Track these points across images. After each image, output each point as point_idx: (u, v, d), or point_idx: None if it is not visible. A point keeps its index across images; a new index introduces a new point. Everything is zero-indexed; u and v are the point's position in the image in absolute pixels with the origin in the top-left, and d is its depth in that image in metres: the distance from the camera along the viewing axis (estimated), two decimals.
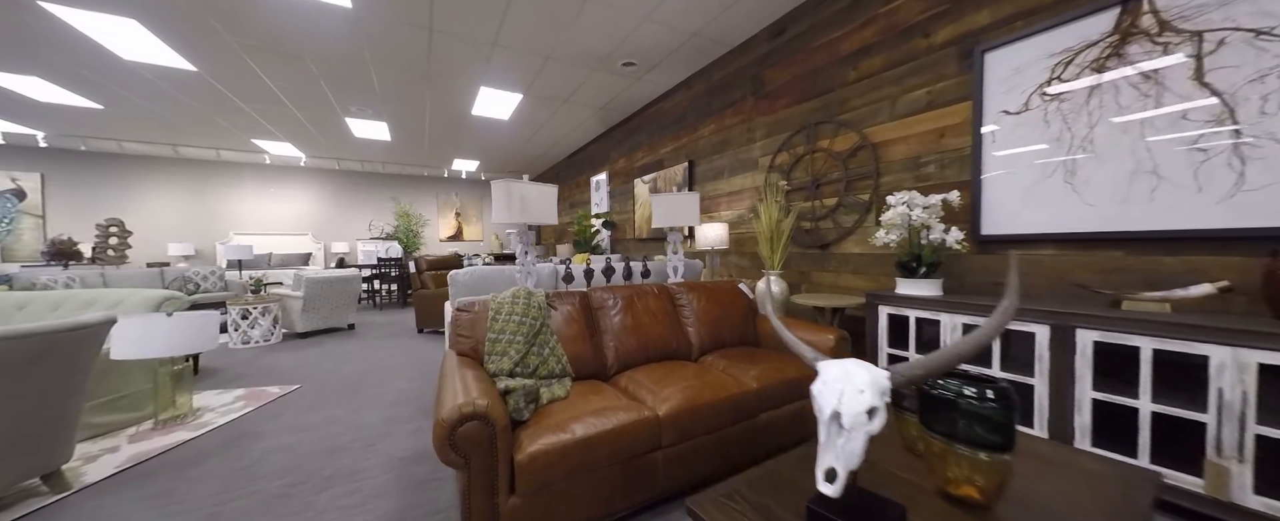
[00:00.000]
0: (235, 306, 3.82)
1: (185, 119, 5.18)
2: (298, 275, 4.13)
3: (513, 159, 7.65)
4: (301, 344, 3.99)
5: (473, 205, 9.98)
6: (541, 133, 5.90)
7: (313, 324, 4.27)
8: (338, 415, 2.25)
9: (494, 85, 4.25)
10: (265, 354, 3.63)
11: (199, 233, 7.47)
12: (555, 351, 1.60)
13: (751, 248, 3.39)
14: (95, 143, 6.17)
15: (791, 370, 1.73)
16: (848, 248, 2.60)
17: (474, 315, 1.61)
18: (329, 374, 2.99)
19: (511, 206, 1.90)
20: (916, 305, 1.90)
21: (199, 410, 2.31)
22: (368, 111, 4.98)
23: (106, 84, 4.13)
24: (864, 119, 2.48)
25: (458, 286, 2.16)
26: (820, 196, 2.77)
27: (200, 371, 3.07)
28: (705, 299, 2.14)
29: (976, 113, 1.95)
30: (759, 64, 3.24)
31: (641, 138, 5.01)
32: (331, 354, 3.59)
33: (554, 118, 5.27)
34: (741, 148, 3.45)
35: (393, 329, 4.70)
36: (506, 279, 2.26)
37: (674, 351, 1.93)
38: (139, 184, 7.04)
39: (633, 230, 5.28)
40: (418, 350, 3.69)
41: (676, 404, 1.41)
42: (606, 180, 5.96)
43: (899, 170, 2.32)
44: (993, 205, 1.92)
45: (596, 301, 1.91)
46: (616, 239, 5.83)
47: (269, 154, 6.97)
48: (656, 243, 4.80)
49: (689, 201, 2.43)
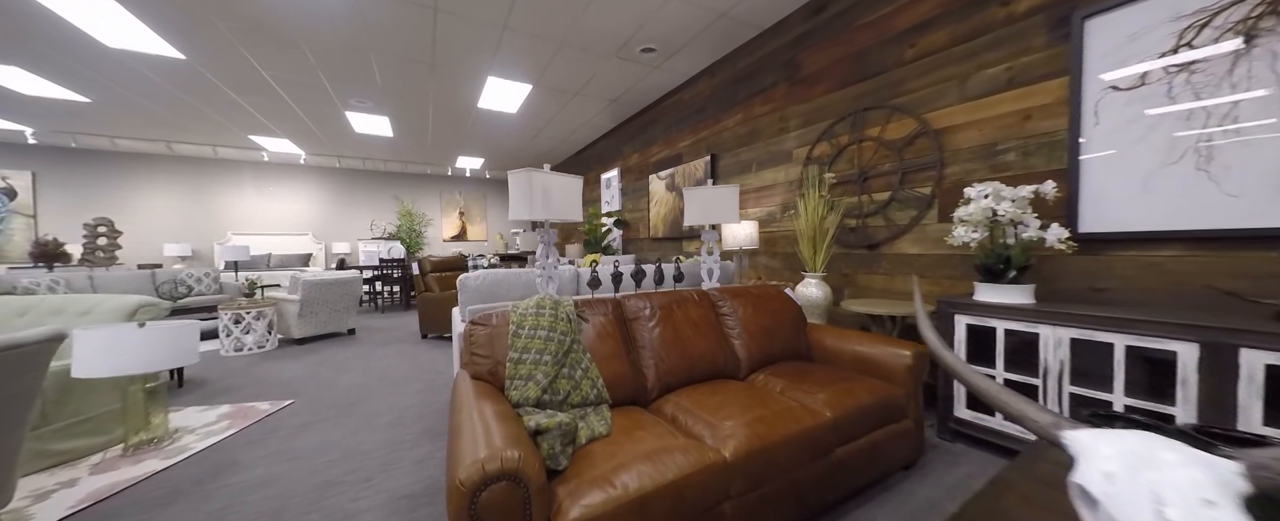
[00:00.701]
0: (227, 311, 3.57)
1: (177, 113, 4.93)
2: (294, 277, 3.88)
3: (518, 156, 7.39)
4: (298, 351, 3.74)
5: (477, 204, 9.73)
6: (550, 127, 5.63)
7: (310, 329, 4.02)
8: (333, 438, 1.98)
9: (502, 75, 3.98)
10: (258, 362, 3.37)
11: (196, 233, 7.24)
12: (589, 373, 1.33)
13: (784, 248, 3.11)
14: (86, 139, 5.94)
15: (863, 392, 1.46)
16: (902, 247, 2.32)
17: (491, 329, 1.34)
18: (325, 386, 2.73)
19: (532, 200, 1.63)
20: (1004, 315, 1.62)
21: (176, 432, 2.05)
22: (369, 105, 4.72)
23: (92, 75, 3.89)
24: (924, 102, 2.20)
25: (468, 292, 1.89)
26: (868, 190, 2.49)
27: (185, 383, 2.82)
28: (751, 306, 1.87)
29: (1075, 90, 1.67)
30: (794, 46, 2.96)
31: (657, 131, 4.74)
32: (329, 362, 3.34)
33: (564, 111, 5.00)
34: (772, 139, 3.17)
35: (395, 334, 4.45)
36: (523, 284, 1.99)
37: (721, 369, 1.66)
38: (133, 182, 6.82)
39: (646, 229, 5.01)
40: (422, 358, 3.43)
41: (743, 441, 1.14)
42: (618, 177, 5.69)
43: (969, 159, 2.04)
44: (1096, 197, 1.64)
45: (631, 311, 1.63)
46: (628, 238, 5.56)
47: (267, 151, 6.73)
48: (672, 243, 4.53)
49: (726, 196, 2.16)
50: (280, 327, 4.02)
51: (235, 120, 5.19)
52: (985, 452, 1.71)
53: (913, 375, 1.58)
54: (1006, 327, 1.62)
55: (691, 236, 4.17)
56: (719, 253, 2.28)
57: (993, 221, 1.69)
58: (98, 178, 6.61)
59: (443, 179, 9.29)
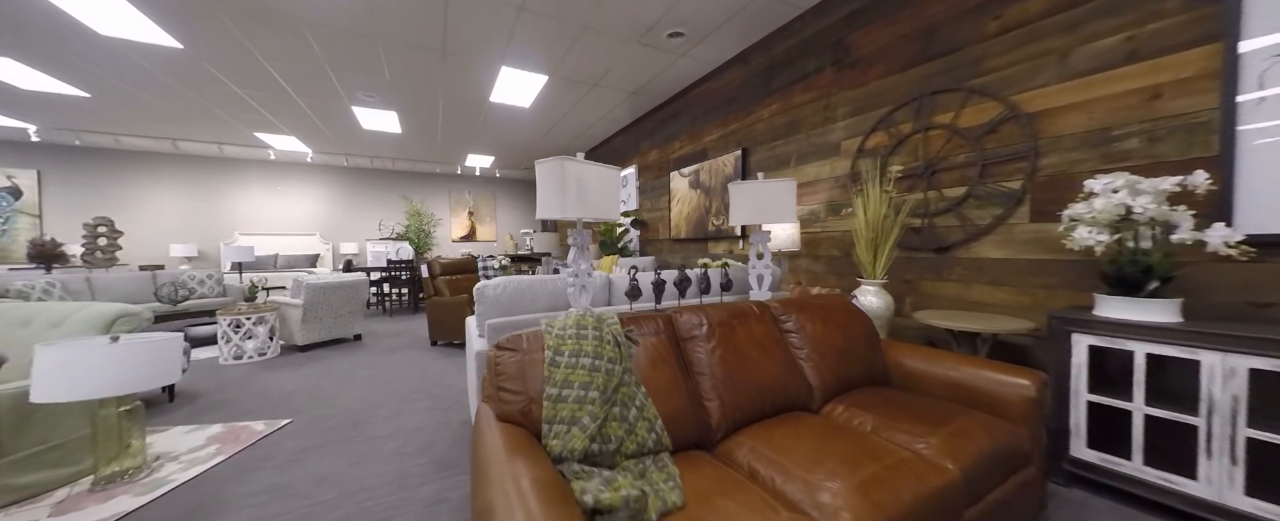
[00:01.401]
0: (226, 317, 3.35)
1: (180, 108, 4.75)
2: (297, 281, 3.66)
3: (530, 153, 7.14)
4: (301, 359, 3.51)
5: (486, 204, 9.51)
6: (565, 122, 5.37)
7: (314, 335, 3.79)
8: (332, 470, 1.73)
9: (516, 65, 3.73)
10: (258, 372, 3.15)
11: (202, 233, 7.10)
12: (645, 412, 1.05)
13: (829, 250, 2.81)
14: (90, 137, 5.79)
15: (981, 433, 1.16)
16: (982, 250, 2.02)
17: (523, 356, 1.06)
18: (327, 403, 2.49)
19: (565, 194, 1.36)
20: (1145, 335, 1.31)
21: (157, 460, 1.81)
22: (376, 99, 4.50)
23: (87, 66, 3.69)
24: (1012, 83, 1.90)
25: (487, 303, 1.63)
26: (938, 185, 2.19)
27: (175, 397, 2.59)
28: (819, 321, 1.58)
29: (1230, 59, 1.36)
30: (843, 26, 2.66)
31: (680, 125, 4.46)
32: (333, 373, 3.10)
33: (581, 104, 4.73)
34: (816, 130, 2.88)
35: (403, 340, 4.21)
36: (550, 294, 1.72)
37: (793, 399, 1.37)
38: (138, 181, 6.68)
39: (666, 229, 4.73)
40: (431, 369, 3.18)
41: (859, 512, 0.85)
42: (635, 174, 5.41)
43: (1073, 148, 1.73)
44: (1258, 190, 1.33)
45: (685, 328, 1.35)
46: (646, 239, 5.29)
47: (273, 149, 6.56)
48: (697, 244, 4.24)
49: (781, 192, 1.87)
50: (283, 334, 3.80)
51: (240, 116, 4.99)
52: (1115, 502, 1.41)
53: (1035, 410, 1.28)
54: (1149, 352, 1.31)
55: (719, 237, 3.87)
56: (770, 256, 1.99)
57: (1125, 220, 1.38)
58: (103, 176, 6.48)
59: (452, 178, 9.09)
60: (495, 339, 1.58)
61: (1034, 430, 1.27)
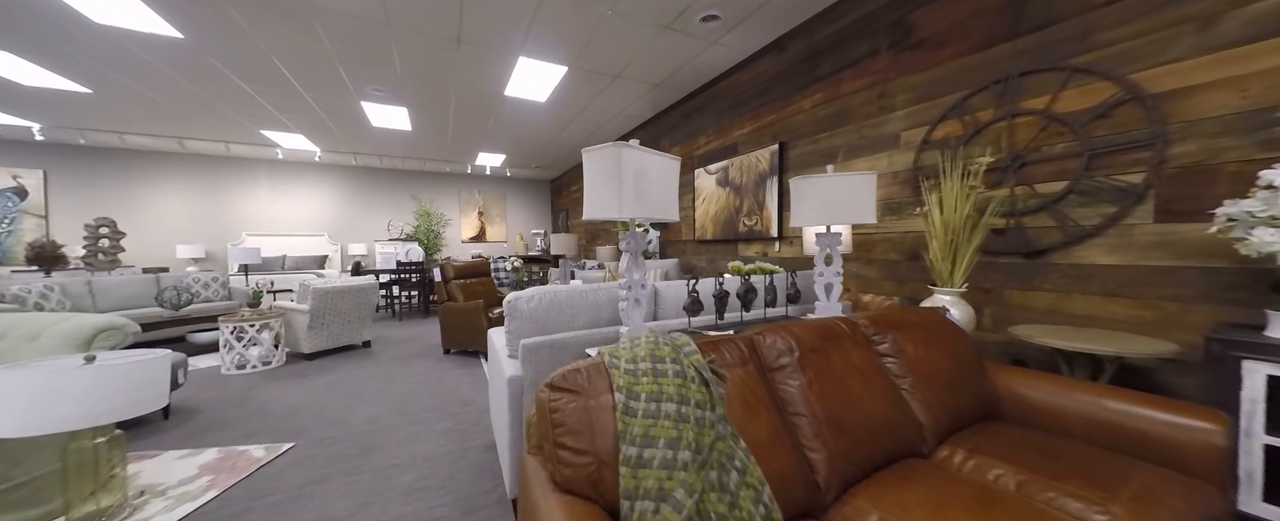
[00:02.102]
0: (228, 324, 3.15)
1: (183, 105, 4.57)
2: (303, 285, 3.44)
3: (543, 152, 6.92)
4: (307, 369, 3.30)
5: (496, 203, 9.32)
6: (582, 117, 5.13)
7: (321, 343, 3.58)
8: (339, 512, 1.49)
9: (535, 55, 3.49)
10: (261, 383, 2.93)
11: (209, 234, 6.96)
12: (748, 477, 0.79)
13: (883, 253, 2.54)
14: (95, 136, 5.65)
15: (1169, 496, 0.89)
16: (1088, 256, 1.73)
17: (585, 401, 0.81)
18: (333, 423, 2.26)
19: (621, 190, 1.11)
20: None
21: (141, 496, 1.59)
22: (386, 93, 4.28)
23: (87, 60, 3.51)
24: (1131, 58, 1.61)
25: (520, 320, 1.38)
26: (1028, 180, 1.90)
27: (171, 414, 2.37)
28: (918, 342, 1.31)
29: None
30: (901, 5, 2.39)
31: (705, 120, 4.19)
32: (340, 385, 2.88)
33: (600, 98, 4.48)
34: (869, 120, 2.60)
35: (414, 347, 3.99)
36: (592, 307, 1.47)
37: (905, 443, 1.11)
38: (145, 181, 6.55)
39: (691, 230, 4.46)
40: (447, 382, 2.94)
41: None
42: None
43: (1216, 133, 1.44)
44: None
45: (769, 354, 1.09)
46: (667, 240, 5.03)
47: (282, 148, 6.39)
48: (725, 246, 3.97)
49: (857, 187, 1.60)
50: (289, 341, 3.59)
51: (245, 112, 4.81)
52: None
53: (1223, 464, 1.01)
54: None
55: (751, 238, 3.61)
56: (840, 262, 1.72)
57: None
58: (109, 176, 6.35)
59: (462, 177, 8.90)
60: (532, 362, 1.33)
61: (1225, 488, 1.00)
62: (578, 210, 8.02)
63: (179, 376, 2.33)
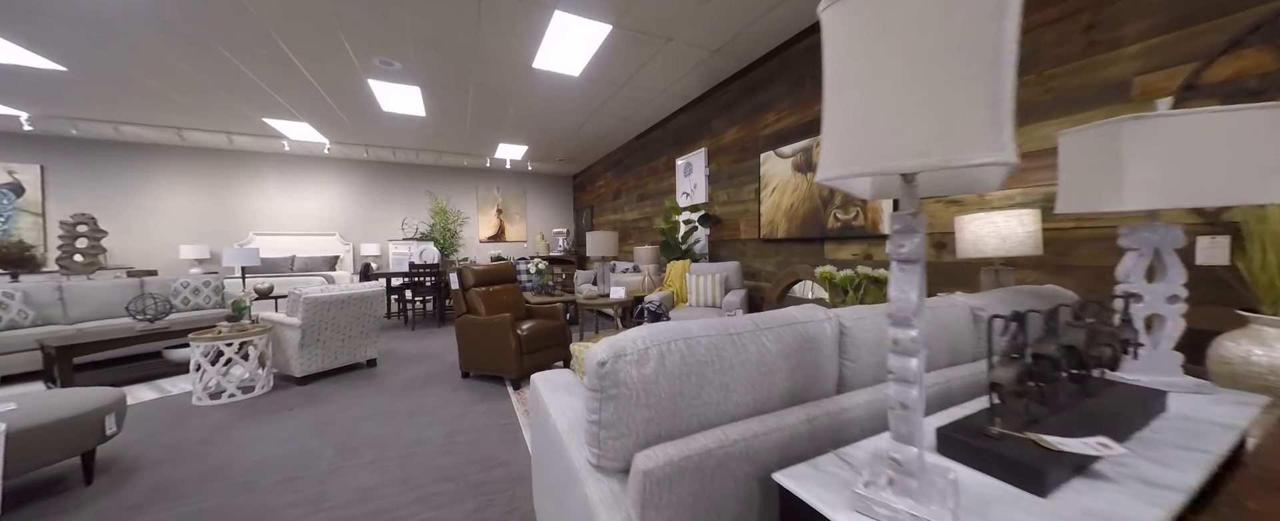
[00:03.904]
0: (200, 343, 2.54)
1: (173, 87, 4.03)
2: (293, 294, 2.83)
3: (567, 142, 6.26)
4: (296, 396, 2.68)
5: (516, 201, 8.71)
6: (619, 97, 4.43)
7: (315, 363, 2.96)
8: None
9: (574, 9, 2.80)
10: (235, 420, 2.31)
11: (214, 233, 6.50)
12: None
13: (1093, 257, 1.76)
14: (88, 127, 5.20)
15: None
16: None
17: None
18: (312, 498, 1.60)
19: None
20: None
21: None
22: (396, 68, 3.66)
23: (56, 30, 2.97)
24: None
25: (627, 406, 0.66)
26: None
27: (94, 477, 1.74)
28: None
29: None
30: None
31: (775, 92, 3.45)
32: (333, 425, 2.24)
33: (643, 70, 3.78)
34: (1068, 65, 1.83)
35: (428, 366, 3.35)
36: (755, 368, 0.75)
37: None
38: (146, 177, 6.11)
39: (752, 227, 3.73)
40: (467, 425, 2.28)
41: None
42: (704, 160, 4.42)
43: None
44: None
45: None
46: (717, 239, 4.30)
47: (288, 139, 5.87)
48: (803, 246, 3.23)
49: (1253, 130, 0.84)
50: (277, 360, 2.98)
51: (242, 96, 4.25)
52: None
53: None
54: None
55: (846, 236, 2.85)
56: (1180, 275, 0.98)
57: None
58: (108, 172, 5.92)
59: (480, 172, 8.32)
60: (665, 506, 0.62)
61: None
62: (605, 207, 7.34)
63: (108, 426, 1.70)
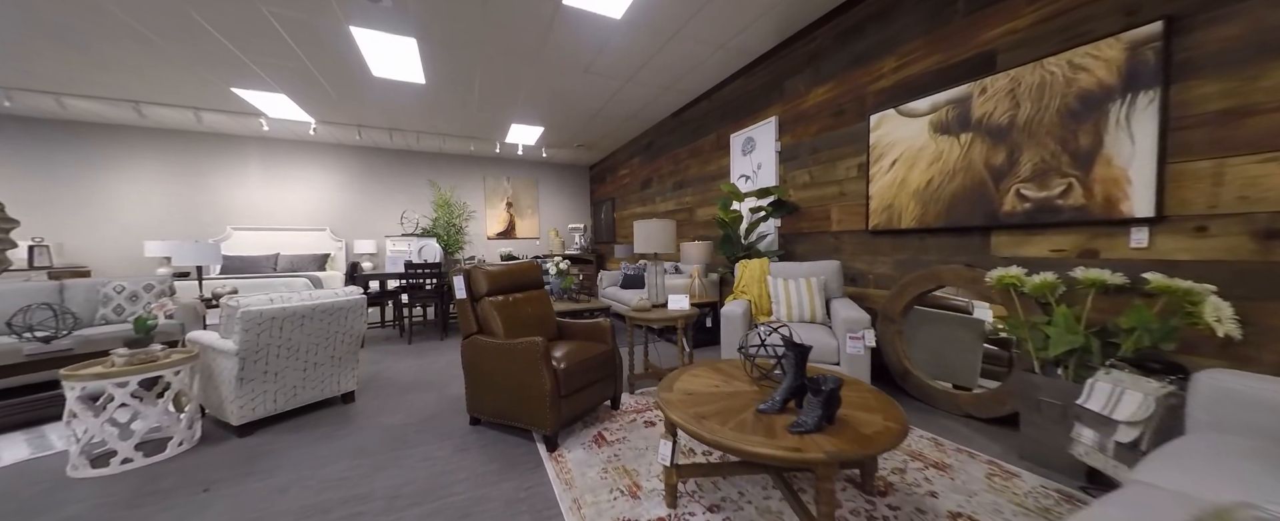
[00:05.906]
0: (75, 384, 1.65)
1: (102, 37, 3.16)
2: (226, 307, 1.94)
3: (595, 118, 5.35)
4: (225, 458, 1.79)
5: (527, 192, 7.83)
6: (669, 50, 3.50)
7: (262, 406, 2.06)
8: None
9: None
10: (114, 511, 1.43)
11: (185, 228, 5.67)
12: None
13: None
14: (24, 98, 4.34)
15: None
16: None
17: None
18: None
19: None
20: None
21: None
22: (385, 5, 2.76)
23: None
24: None
25: None
26: None
27: None
28: None
29: None
30: None
31: (896, 30, 2.52)
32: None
33: (702, 14, 2.85)
34: None
35: (424, 401, 2.46)
36: None
37: None
38: (105, 163, 5.27)
39: (855, 215, 2.81)
40: (481, 517, 1.37)
41: None
42: (774, 132, 3.50)
43: None
44: None
45: None
46: (793, 232, 3.38)
47: (266, 115, 5.01)
48: (953, 238, 2.30)
49: None
50: (210, 399, 2.10)
51: (200, 57, 3.37)
52: None
53: None
54: None
55: (1055, 223, 1.91)
56: None
57: None
58: (60, 156, 5.09)
59: (488, 159, 7.45)
60: None
61: None
62: (630, 199, 6.41)
63: None
